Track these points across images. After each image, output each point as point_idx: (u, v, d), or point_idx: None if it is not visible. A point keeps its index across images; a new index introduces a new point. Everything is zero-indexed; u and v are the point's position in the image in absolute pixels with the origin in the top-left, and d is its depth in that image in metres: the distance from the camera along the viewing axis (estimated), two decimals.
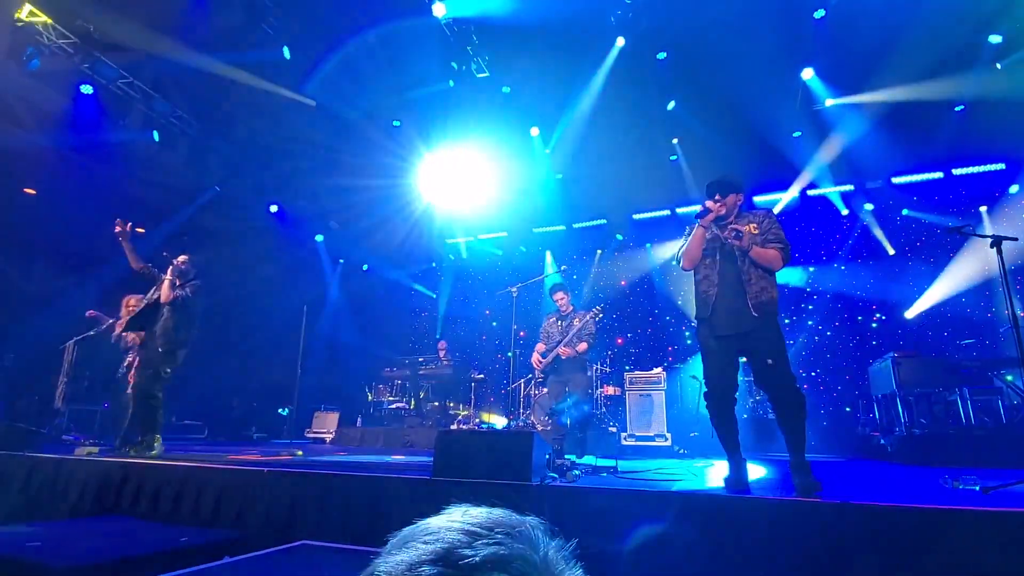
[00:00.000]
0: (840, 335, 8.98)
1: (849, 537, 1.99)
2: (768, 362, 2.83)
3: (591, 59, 7.92)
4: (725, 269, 3.06)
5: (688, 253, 3.19)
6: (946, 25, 6.74)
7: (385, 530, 2.29)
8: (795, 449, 2.78)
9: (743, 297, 2.95)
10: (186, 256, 5.10)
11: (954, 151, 8.40)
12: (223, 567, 2.13)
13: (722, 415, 3.03)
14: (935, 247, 8.65)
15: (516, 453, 2.78)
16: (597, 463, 3.97)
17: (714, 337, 3.02)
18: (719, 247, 3.13)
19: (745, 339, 2.94)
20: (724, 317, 2.99)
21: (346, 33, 7.58)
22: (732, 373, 3.03)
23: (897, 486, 3.28)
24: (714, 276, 3.08)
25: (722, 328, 2.99)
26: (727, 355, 3.02)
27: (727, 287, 3.02)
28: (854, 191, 9.31)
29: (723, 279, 3.05)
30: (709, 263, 3.13)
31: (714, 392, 3.03)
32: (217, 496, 3.30)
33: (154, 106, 7.95)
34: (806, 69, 7.60)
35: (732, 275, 3.03)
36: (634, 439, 6.61)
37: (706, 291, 3.09)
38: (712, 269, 3.10)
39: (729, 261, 3.07)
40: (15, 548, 2.45)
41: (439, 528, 0.49)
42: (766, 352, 2.85)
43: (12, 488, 3.96)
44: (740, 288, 2.97)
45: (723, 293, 3.02)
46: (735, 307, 2.96)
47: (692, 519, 2.26)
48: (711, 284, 3.08)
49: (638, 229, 10.97)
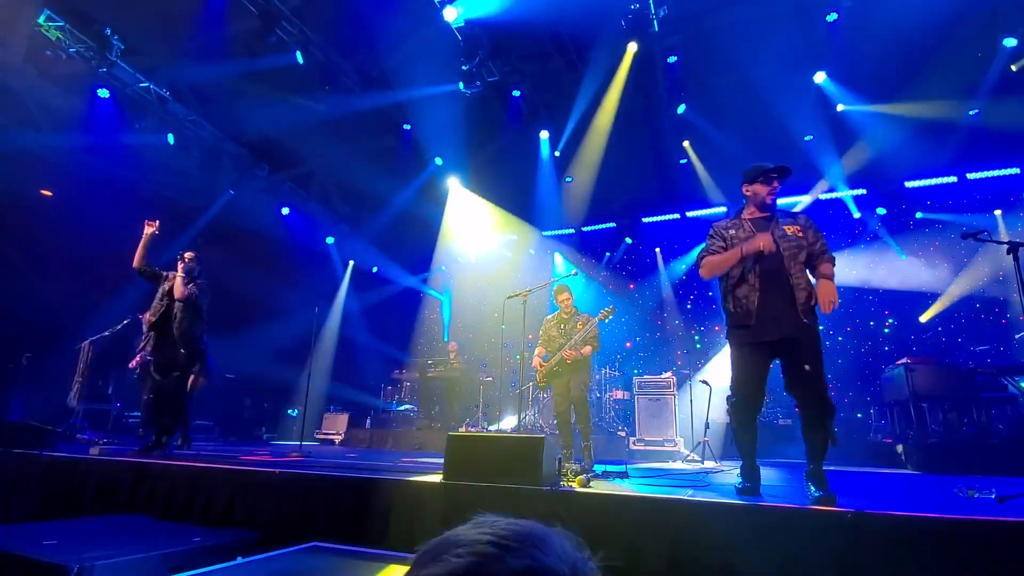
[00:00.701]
0: (852, 340, 8.89)
1: (863, 547, 1.98)
2: (806, 368, 2.72)
3: (601, 62, 7.91)
4: (767, 271, 2.86)
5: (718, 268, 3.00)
6: (959, 27, 6.68)
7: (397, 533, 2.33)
8: (814, 457, 2.72)
9: (791, 302, 2.80)
10: (192, 253, 5.13)
11: (968, 155, 8.31)
12: (236, 568, 2.15)
13: (747, 422, 2.96)
14: (949, 252, 8.55)
15: (526, 457, 2.79)
16: (607, 468, 3.96)
17: (754, 344, 2.87)
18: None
19: (785, 345, 2.81)
20: (769, 323, 2.81)
21: (358, 37, 7.65)
22: (763, 381, 2.93)
23: (911, 495, 3.24)
24: (753, 279, 2.88)
25: (766, 334, 2.82)
26: (763, 363, 2.90)
27: (771, 292, 2.84)
28: (867, 195, 9.23)
29: (765, 283, 2.86)
30: (747, 265, 2.91)
31: (744, 399, 2.92)
32: (230, 496, 3.33)
33: (169, 110, 8.05)
34: (818, 72, 7.55)
35: (775, 279, 2.85)
36: (643, 443, 6.59)
37: (746, 296, 2.89)
38: (750, 272, 2.89)
39: (769, 261, 2.86)
40: (32, 547, 2.48)
41: (469, 540, 0.50)
42: (806, 358, 2.74)
43: (29, 486, 4.02)
44: (787, 293, 2.82)
45: (766, 299, 2.84)
46: (781, 313, 2.80)
47: (704, 527, 2.25)
48: (751, 289, 2.87)
49: (647, 232, 10.95)
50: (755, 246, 2.85)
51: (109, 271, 9.22)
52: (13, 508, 4.00)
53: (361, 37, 7.67)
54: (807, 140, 8.50)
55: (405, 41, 7.83)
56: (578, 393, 4.75)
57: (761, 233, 2.91)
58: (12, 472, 4.16)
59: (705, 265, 3.04)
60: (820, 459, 2.70)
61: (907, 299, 8.62)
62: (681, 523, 2.32)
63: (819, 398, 2.74)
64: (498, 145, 9.65)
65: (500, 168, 10.16)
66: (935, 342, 8.22)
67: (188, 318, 4.84)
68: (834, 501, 2.43)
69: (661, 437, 6.54)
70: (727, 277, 3.01)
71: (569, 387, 4.79)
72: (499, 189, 10.57)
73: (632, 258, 11.18)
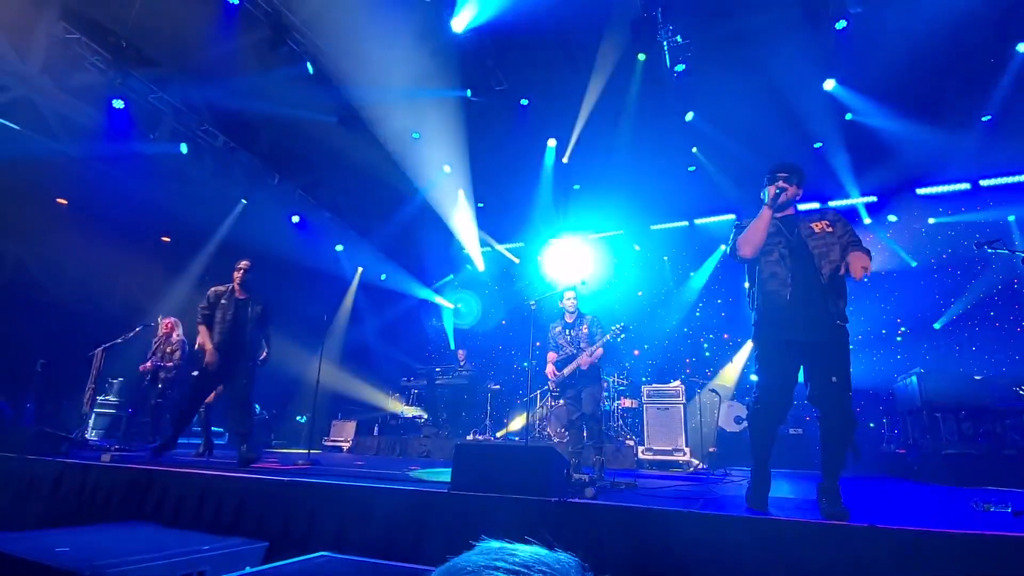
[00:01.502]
0: (863, 348, 8.79)
1: (876, 562, 1.95)
2: (833, 379, 2.61)
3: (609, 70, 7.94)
4: (798, 268, 2.75)
5: (750, 240, 2.84)
6: (971, 34, 6.64)
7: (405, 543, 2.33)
8: (830, 473, 2.62)
9: (823, 302, 2.68)
10: (247, 262, 5.14)
11: (982, 161, 8.22)
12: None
13: (767, 430, 2.83)
14: (962, 259, 8.44)
15: (534, 469, 2.78)
16: (616, 479, 3.93)
17: (782, 342, 2.73)
18: (786, 241, 2.83)
19: (815, 349, 2.69)
20: (800, 321, 2.67)
21: (367, 47, 7.73)
22: (792, 386, 2.78)
23: (925, 508, 3.19)
24: (785, 275, 2.76)
25: (795, 332, 2.69)
26: (791, 365, 2.75)
27: (802, 288, 2.71)
28: (878, 202, 9.15)
29: (797, 279, 2.73)
30: (776, 259, 2.80)
31: (769, 405, 2.78)
32: (238, 504, 3.35)
33: (182, 120, 8.17)
34: (828, 80, 7.52)
35: (808, 275, 2.73)
36: (652, 453, 6.54)
37: (776, 290, 2.76)
38: (781, 266, 2.78)
39: (801, 259, 2.76)
40: (44, 554, 2.51)
41: (480, 568, 0.50)
42: (834, 367, 2.63)
43: (42, 493, 4.06)
44: (819, 291, 2.69)
45: (798, 295, 2.71)
46: (813, 312, 2.68)
47: (713, 541, 2.23)
48: (782, 283, 2.75)
49: (655, 240, 10.92)
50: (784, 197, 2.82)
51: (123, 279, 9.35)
52: (27, 514, 4.04)
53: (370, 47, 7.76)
54: (817, 147, 8.46)
55: (414, 51, 7.91)
56: (591, 409, 4.72)
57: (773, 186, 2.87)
58: (26, 478, 4.21)
59: (741, 243, 2.90)
60: (835, 476, 2.61)
61: (920, 307, 8.52)
62: (690, 537, 2.30)
63: (844, 411, 2.63)
64: (506, 153, 9.70)
65: (508, 175, 10.20)
66: (948, 351, 8.11)
67: (250, 327, 4.94)
68: (847, 516, 2.37)
69: (670, 446, 6.49)
70: (757, 272, 2.89)
71: (581, 398, 4.77)
72: (507, 196, 10.60)
73: (640, 265, 11.14)
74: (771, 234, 2.87)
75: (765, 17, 6.76)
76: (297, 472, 4.05)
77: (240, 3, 6.65)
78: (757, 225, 2.85)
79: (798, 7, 6.58)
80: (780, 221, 2.92)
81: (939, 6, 6.22)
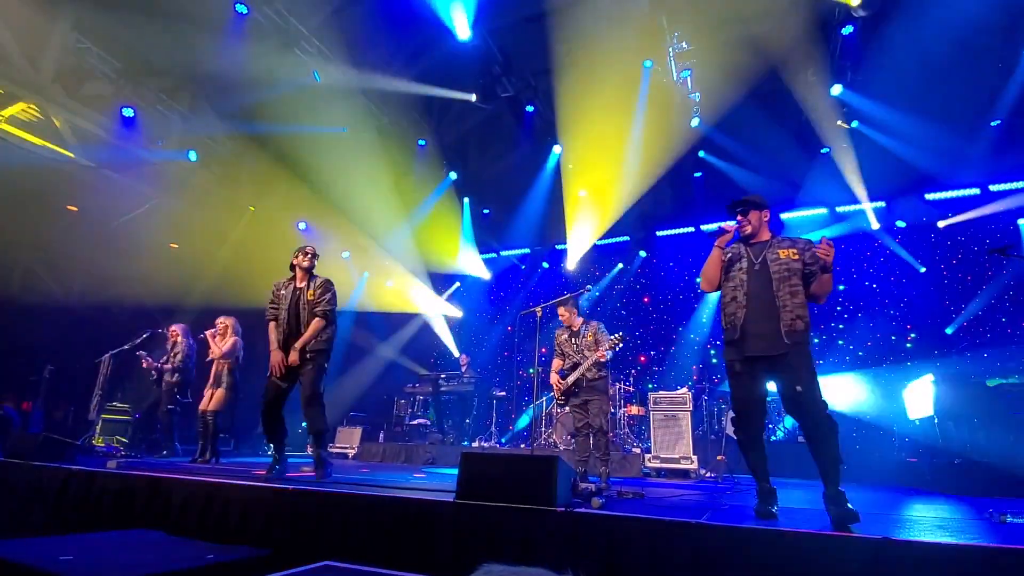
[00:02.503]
0: (872, 355, 8.70)
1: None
2: (797, 388, 2.73)
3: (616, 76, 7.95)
4: (754, 290, 2.97)
5: (706, 274, 3.16)
6: (979, 38, 6.60)
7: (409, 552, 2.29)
8: (829, 480, 2.68)
9: (775, 321, 2.86)
10: (311, 248, 4.54)
11: (991, 166, 8.15)
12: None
13: (750, 440, 2.97)
14: (972, 264, 8.36)
15: (540, 478, 2.75)
16: (622, 488, 3.89)
17: (741, 359, 2.93)
18: (747, 267, 3.05)
19: (774, 363, 2.85)
20: (753, 340, 2.89)
21: (374, 56, 7.79)
22: (760, 397, 2.95)
23: (938, 518, 3.13)
24: (741, 297, 2.99)
25: (751, 350, 2.90)
26: (755, 378, 2.93)
27: (757, 309, 2.93)
28: (886, 207, 9.08)
29: (752, 300, 2.96)
30: (736, 284, 3.04)
31: (741, 416, 2.98)
32: (242, 512, 3.33)
33: (191, 128, 8.25)
34: (835, 85, 7.50)
35: (763, 297, 2.94)
36: (659, 461, 6.47)
37: (734, 312, 3.00)
38: (739, 290, 3.02)
39: (758, 282, 2.98)
40: (49, 562, 2.50)
41: None
42: (796, 379, 2.75)
43: (48, 499, 4.07)
44: (773, 312, 2.88)
45: (752, 316, 2.93)
46: (766, 330, 2.87)
47: (722, 552, 2.19)
48: (739, 305, 2.99)
49: (661, 246, 10.88)
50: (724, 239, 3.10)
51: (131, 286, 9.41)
52: (32, 520, 4.05)
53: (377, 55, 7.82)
54: (824, 152, 8.42)
55: (420, 58, 7.96)
56: (598, 422, 4.66)
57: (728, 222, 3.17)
58: (32, 484, 4.22)
59: (700, 277, 3.23)
60: (835, 481, 2.66)
61: (929, 313, 8.43)
62: (698, 548, 2.26)
63: (817, 417, 2.72)
64: (512, 159, 9.72)
65: (514, 181, 10.21)
66: (960, 358, 8.00)
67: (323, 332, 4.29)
68: (857, 518, 2.39)
69: (677, 455, 6.42)
70: (723, 293, 3.13)
71: (588, 409, 4.73)
72: (513, 202, 10.61)
73: (646, 271, 11.11)
74: (735, 260, 3.11)
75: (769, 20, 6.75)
76: (301, 480, 4.04)
77: (249, 12, 6.71)
78: (708, 262, 3.16)
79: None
80: (750, 247, 3.12)
81: (948, 11, 6.19)
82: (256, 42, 7.09)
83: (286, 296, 4.33)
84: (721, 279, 3.13)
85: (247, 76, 7.59)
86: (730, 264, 3.12)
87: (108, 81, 7.35)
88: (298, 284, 4.37)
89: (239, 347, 6.14)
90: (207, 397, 5.87)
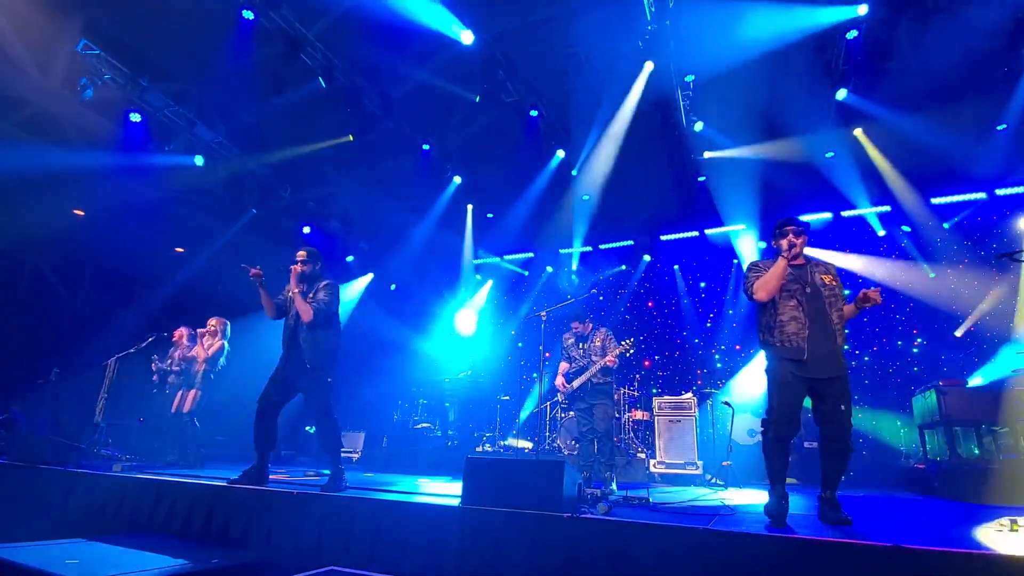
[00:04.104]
0: (879, 360, 8.64)
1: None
2: (843, 408, 3.00)
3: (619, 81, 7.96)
4: (814, 312, 3.13)
5: (767, 286, 3.19)
6: (983, 42, 6.57)
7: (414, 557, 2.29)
8: (830, 486, 3.00)
9: (833, 343, 3.06)
10: (304, 252, 4.27)
11: (998, 170, 8.10)
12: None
13: (781, 446, 3.09)
14: (978, 269, 8.29)
15: (546, 483, 2.74)
16: (628, 493, 3.87)
17: (800, 376, 3.06)
18: (802, 288, 3.18)
19: (827, 383, 3.03)
20: (819, 361, 3.04)
21: (379, 60, 7.83)
22: (800, 409, 3.12)
23: (949, 525, 3.10)
24: (803, 317, 3.11)
25: (815, 371, 3.03)
26: (801, 392, 3.09)
27: (819, 331, 3.08)
28: (891, 212, 9.04)
29: (813, 322, 3.09)
30: (795, 304, 3.16)
31: (782, 423, 3.07)
32: (247, 517, 3.33)
33: (197, 133, 8.30)
34: (840, 90, 7.48)
35: (822, 319, 3.11)
36: (664, 466, 6.44)
37: (796, 332, 3.10)
38: (799, 310, 3.13)
39: (814, 305, 3.14)
40: (55, 565, 2.51)
41: None
42: (844, 399, 3.02)
43: (53, 502, 4.08)
44: (831, 334, 3.08)
45: (815, 337, 3.07)
46: (827, 352, 3.05)
47: (729, 558, 2.17)
48: (801, 326, 3.09)
49: (666, 250, 10.86)
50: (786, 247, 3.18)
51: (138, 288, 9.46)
52: (38, 524, 4.05)
53: (382, 60, 7.85)
54: (828, 157, 8.39)
55: (425, 63, 7.99)
56: (603, 428, 4.65)
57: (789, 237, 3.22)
58: (38, 488, 4.24)
59: (758, 287, 3.24)
60: (835, 487, 3.00)
61: (936, 318, 8.37)
62: (706, 554, 2.25)
63: (844, 436, 3.01)
64: (515, 163, 9.72)
65: (518, 186, 10.22)
66: (967, 363, 7.94)
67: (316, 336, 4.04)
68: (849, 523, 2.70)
69: (682, 460, 6.39)
70: (775, 311, 3.20)
71: (593, 413, 4.71)
72: (516, 207, 10.61)
73: (650, 276, 11.08)
74: (789, 280, 3.21)
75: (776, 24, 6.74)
76: (305, 484, 4.03)
77: (255, 18, 6.75)
78: (774, 273, 3.19)
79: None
80: (795, 268, 3.24)
81: (952, 15, 6.17)
82: (262, 47, 7.14)
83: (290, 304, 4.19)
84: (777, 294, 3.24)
85: (253, 81, 7.64)
86: (786, 283, 3.22)
87: (116, 87, 7.40)
88: (293, 289, 4.13)
89: (224, 351, 6.14)
90: (180, 398, 5.83)
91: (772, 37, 6.67)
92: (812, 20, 6.60)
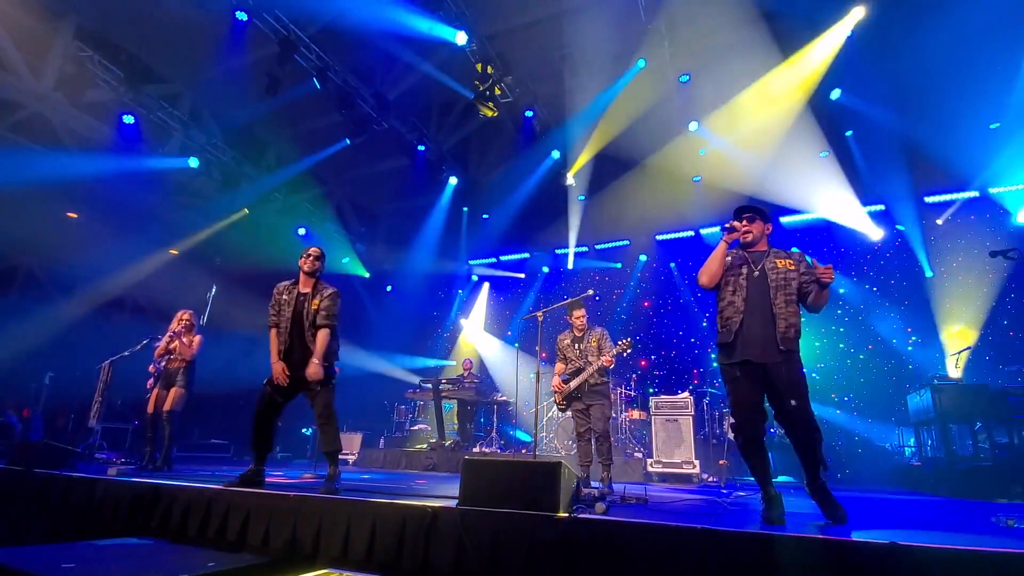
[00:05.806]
0: (874, 358, 8.68)
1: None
2: (792, 403, 2.82)
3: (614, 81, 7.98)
4: (752, 296, 3.02)
5: (708, 269, 3.14)
6: (980, 43, 6.63)
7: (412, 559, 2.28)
8: (812, 474, 2.85)
9: (771, 328, 2.92)
10: (316, 248, 4.24)
11: (992, 169, 8.16)
12: None
13: (750, 446, 2.97)
14: (973, 267, 8.34)
15: (544, 484, 2.73)
16: (625, 493, 3.87)
17: (737, 365, 2.97)
18: (748, 273, 3.09)
19: (768, 371, 2.90)
20: (749, 346, 2.94)
21: (373, 61, 7.83)
22: (758, 402, 2.96)
23: (944, 523, 3.11)
24: (739, 303, 3.03)
25: (743, 355, 2.95)
26: (752, 383, 2.95)
27: (754, 315, 2.98)
28: (885, 210, 9.09)
29: (749, 306, 3.01)
30: (733, 289, 3.09)
31: (740, 422, 2.98)
32: (243, 520, 3.31)
33: (191, 135, 8.27)
34: (834, 90, 7.52)
35: (760, 304, 2.99)
36: (661, 466, 6.46)
37: (730, 317, 3.04)
38: (737, 295, 3.05)
39: (757, 289, 3.02)
40: (51, 569, 2.49)
41: None
42: (790, 392, 2.84)
43: (48, 507, 4.05)
44: (769, 319, 2.95)
45: (749, 321, 2.98)
46: (761, 337, 2.93)
47: (727, 557, 2.18)
48: (736, 311, 3.02)
49: (662, 250, 10.89)
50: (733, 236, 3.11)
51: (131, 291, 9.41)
52: (33, 528, 4.03)
53: (377, 61, 7.85)
54: (822, 156, 8.44)
55: (419, 64, 7.99)
56: (600, 428, 4.65)
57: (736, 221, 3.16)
58: (33, 492, 4.21)
59: (700, 272, 3.21)
60: (818, 472, 2.84)
61: (930, 316, 8.40)
62: (703, 553, 2.25)
63: (806, 429, 2.84)
64: (511, 164, 9.74)
65: (513, 186, 10.23)
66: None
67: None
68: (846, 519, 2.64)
69: (679, 459, 6.40)
70: (719, 300, 3.15)
71: (589, 414, 4.71)
72: (512, 207, 10.62)
73: (647, 275, 11.10)
74: (735, 265, 3.14)
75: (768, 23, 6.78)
76: (302, 486, 4.02)
77: (249, 20, 6.74)
78: (712, 256, 3.16)
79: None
80: (750, 255, 3.16)
81: (948, 15, 6.22)
82: (256, 49, 7.12)
83: (288, 302, 4.07)
84: (720, 279, 3.15)
85: (247, 82, 7.62)
86: (731, 268, 3.15)
87: (109, 89, 7.37)
88: (301, 289, 4.09)
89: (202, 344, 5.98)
90: (161, 397, 5.56)
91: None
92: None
